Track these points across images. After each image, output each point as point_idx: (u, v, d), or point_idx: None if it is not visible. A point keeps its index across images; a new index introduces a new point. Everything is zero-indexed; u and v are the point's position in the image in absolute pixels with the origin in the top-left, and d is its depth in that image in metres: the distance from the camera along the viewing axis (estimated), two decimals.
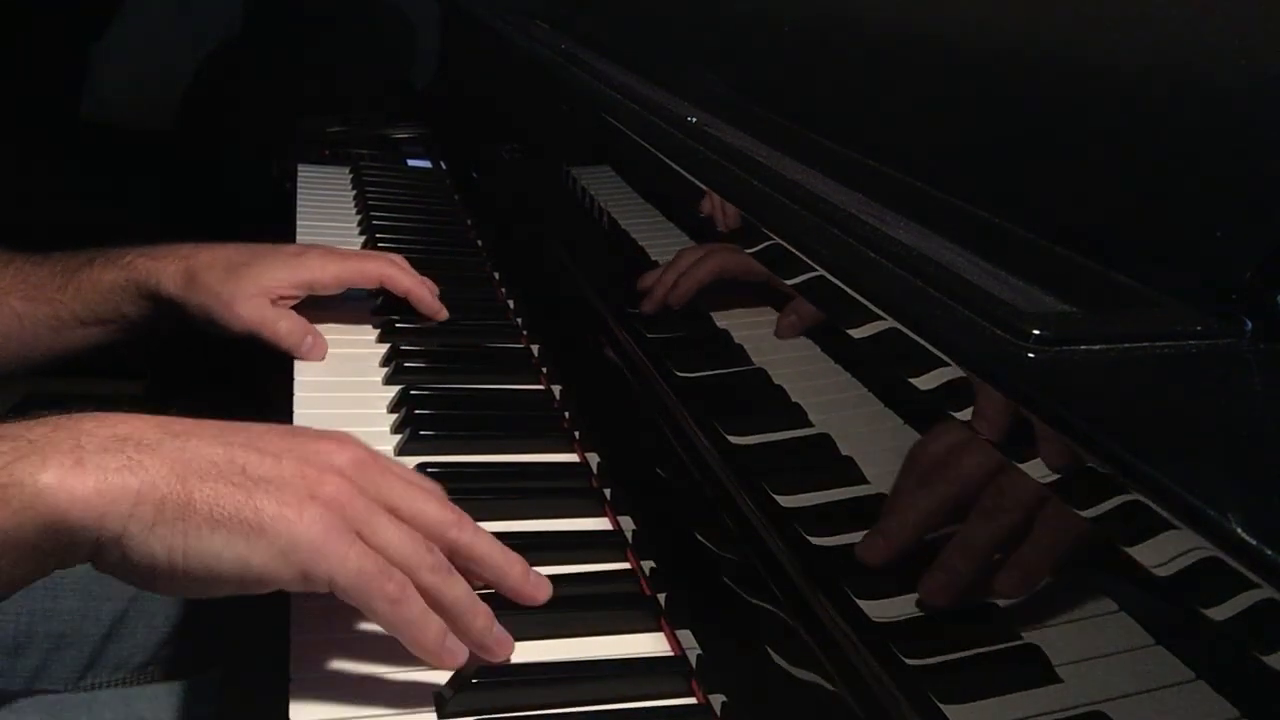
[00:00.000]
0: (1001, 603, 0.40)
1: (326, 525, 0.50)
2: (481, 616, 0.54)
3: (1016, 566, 0.40)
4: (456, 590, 0.54)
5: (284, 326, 0.84)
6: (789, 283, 0.54)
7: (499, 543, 0.58)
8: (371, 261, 0.91)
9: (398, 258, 0.93)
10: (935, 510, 0.44)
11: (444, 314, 0.92)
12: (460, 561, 0.55)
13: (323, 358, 0.85)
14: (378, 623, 0.51)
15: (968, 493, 0.42)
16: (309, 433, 0.56)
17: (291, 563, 0.49)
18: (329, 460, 0.53)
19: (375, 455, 0.56)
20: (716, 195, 0.62)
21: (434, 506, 0.56)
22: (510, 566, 0.57)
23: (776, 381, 0.57)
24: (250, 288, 0.84)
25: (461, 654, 0.53)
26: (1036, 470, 0.37)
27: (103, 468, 0.47)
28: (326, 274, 0.88)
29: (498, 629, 0.55)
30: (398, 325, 0.91)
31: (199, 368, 1.86)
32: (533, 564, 0.65)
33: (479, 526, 0.57)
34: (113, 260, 0.87)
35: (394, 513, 0.53)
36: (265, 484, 0.50)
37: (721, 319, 0.64)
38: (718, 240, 0.65)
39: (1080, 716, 0.36)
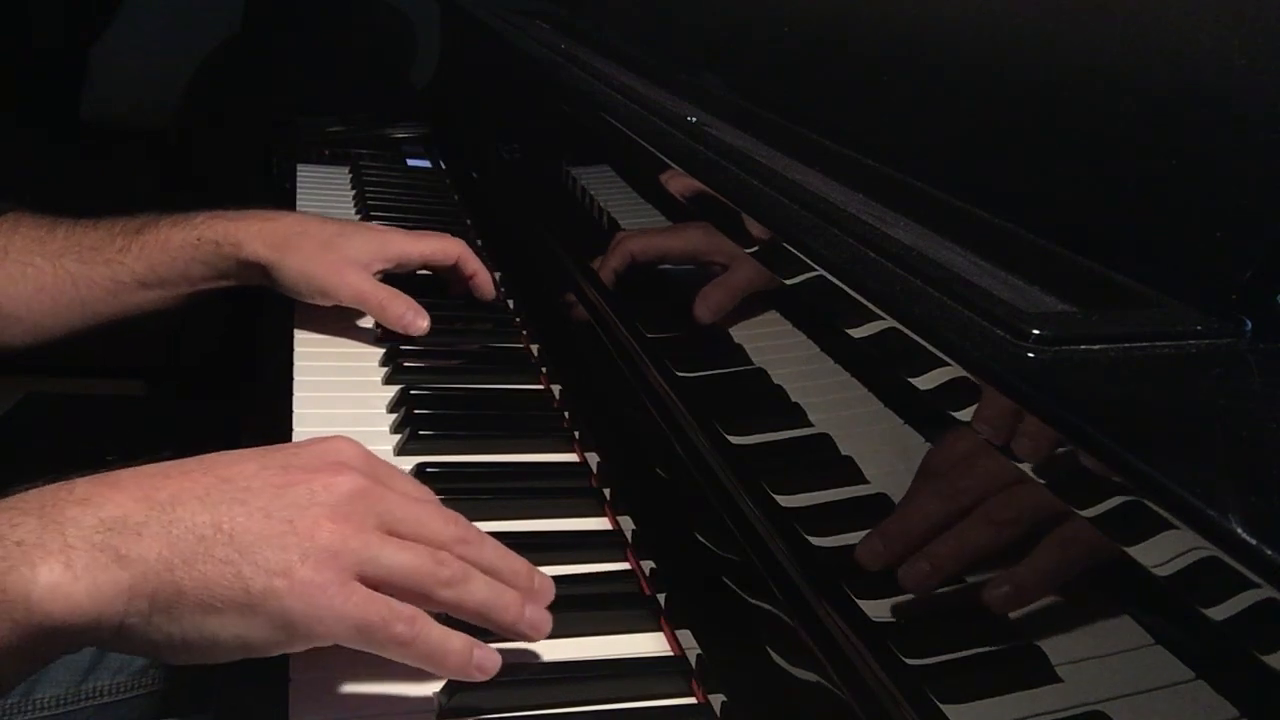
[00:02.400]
0: (1001, 603, 0.40)
1: (320, 586, 0.48)
2: (512, 606, 0.53)
3: (1016, 566, 0.40)
4: (478, 594, 0.52)
5: (387, 297, 0.87)
6: (789, 283, 0.54)
7: (503, 549, 0.56)
8: (450, 242, 0.95)
9: (460, 241, 0.97)
10: (935, 511, 0.44)
11: (493, 294, 0.97)
12: None
13: (425, 330, 0.88)
14: (400, 662, 0.50)
15: (967, 492, 0.42)
16: (305, 463, 0.53)
17: (290, 633, 0.48)
18: (325, 500, 0.51)
19: (374, 478, 0.54)
20: (716, 195, 0.62)
21: (438, 523, 0.54)
22: (516, 576, 0.55)
23: (776, 381, 0.57)
24: (351, 257, 0.87)
25: (493, 661, 0.52)
26: (1036, 470, 0.37)
27: (93, 568, 0.46)
28: (415, 250, 0.92)
29: (530, 611, 0.54)
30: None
31: (199, 368, 1.86)
32: (533, 564, 0.65)
33: (483, 535, 0.56)
34: (182, 221, 0.88)
35: (397, 533, 0.52)
36: (251, 552, 0.48)
37: (721, 319, 0.64)
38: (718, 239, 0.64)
39: (1080, 716, 0.36)
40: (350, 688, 0.54)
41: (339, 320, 0.91)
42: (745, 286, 0.61)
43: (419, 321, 0.87)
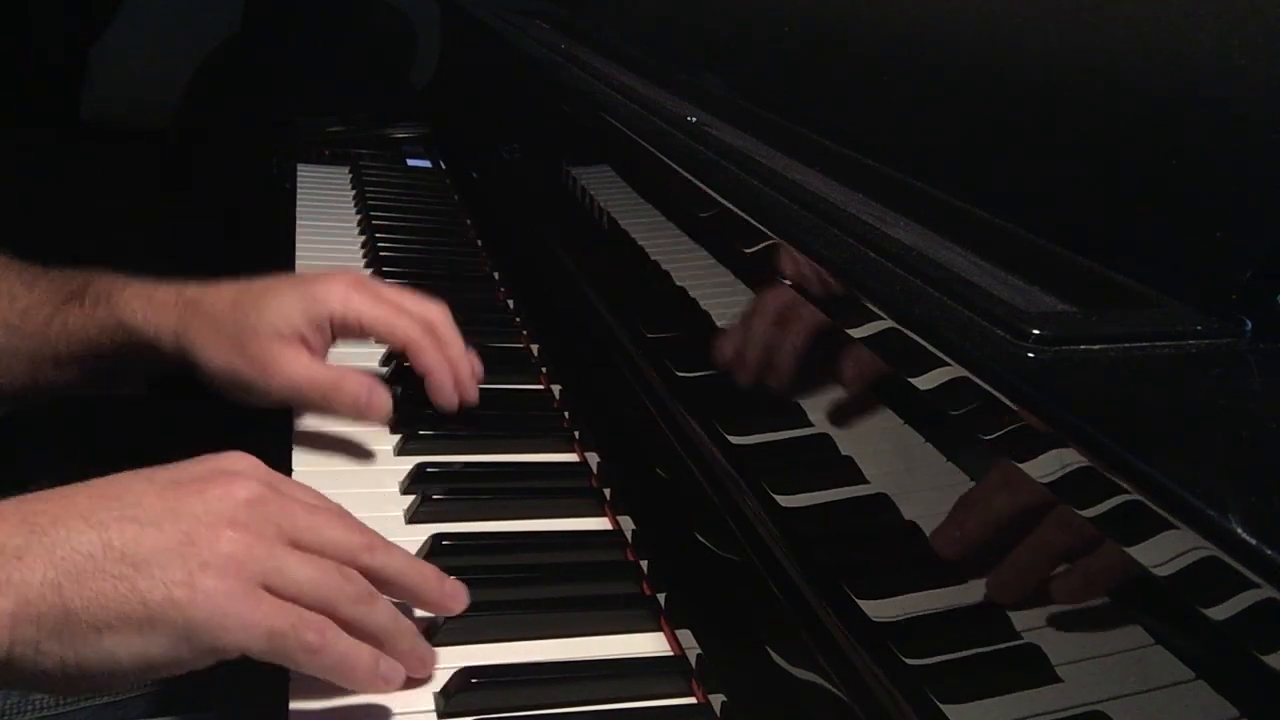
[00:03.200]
0: (1001, 603, 0.40)
1: (224, 594, 0.46)
2: (407, 636, 0.52)
3: (1016, 566, 0.40)
4: (379, 616, 0.51)
5: (330, 383, 0.70)
6: (788, 283, 0.54)
7: (411, 556, 0.56)
8: (403, 320, 0.73)
9: (440, 313, 0.76)
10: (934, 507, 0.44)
11: (455, 405, 0.75)
12: (373, 583, 0.52)
13: (388, 411, 0.71)
14: (305, 672, 0.49)
15: (967, 490, 0.42)
16: (195, 474, 0.51)
17: (195, 645, 0.46)
18: (220, 509, 0.49)
19: (272, 484, 0.52)
20: (716, 195, 0.62)
21: (340, 532, 0.52)
22: (425, 582, 0.54)
23: (776, 381, 0.57)
24: (271, 331, 0.70)
25: (399, 675, 0.51)
26: (1036, 470, 0.37)
27: None
28: (351, 312, 0.72)
29: (421, 646, 0.53)
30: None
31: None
32: (532, 563, 0.65)
33: (389, 544, 0.54)
34: (106, 296, 0.74)
35: (299, 545, 0.50)
36: (148, 566, 0.45)
37: (721, 319, 0.64)
38: (717, 240, 0.64)
39: (1080, 716, 0.36)
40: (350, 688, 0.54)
41: None
42: (746, 287, 0.61)
43: (377, 400, 0.70)
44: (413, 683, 0.54)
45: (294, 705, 0.53)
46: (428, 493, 0.68)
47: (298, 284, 0.73)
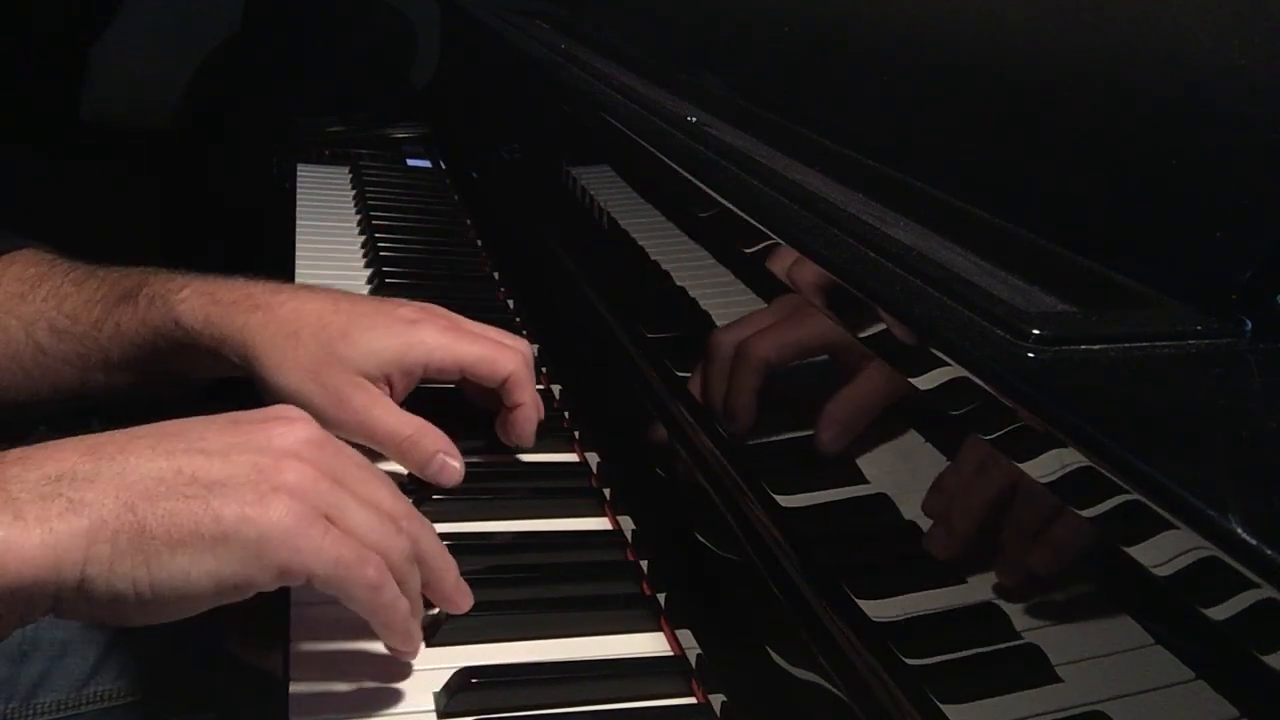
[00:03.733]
0: (1001, 603, 0.40)
1: (296, 515, 0.47)
2: (399, 621, 0.52)
3: (1016, 566, 0.40)
4: (416, 581, 0.53)
5: (410, 438, 0.67)
6: (788, 283, 0.54)
7: (441, 545, 0.56)
8: (505, 353, 0.71)
9: (525, 349, 0.73)
10: (933, 510, 0.44)
11: (530, 441, 0.74)
12: None
13: (459, 479, 0.67)
14: (355, 608, 0.50)
15: (968, 490, 0.42)
16: (253, 417, 0.52)
17: (265, 563, 0.46)
18: (283, 445, 0.50)
19: (327, 434, 0.53)
20: (716, 195, 0.62)
21: (388, 494, 0.53)
22: (446, 570, 0.55)
23: (776, 381, 0.57)
24: (358, 369, 0.67)
25: (418, 640, 0.53)
26: (1036, 470, 0.37)
27: (44, 517, 0.43)
28: (450, 358, 0.70)
29: (415, 631, 0.53)
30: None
31: None
32: (532, 563, 0.65)
33: (426, 520, 0.55)
34: (161, 295, 0.71)
35: (363, 502, 0.51)
36: (220, 487, 0.46)
37: (721, 319, 0.64)
38: (717, 240, 0.65)
39: (1080, 716, 0.36)
40: (350, 688, 0.54)
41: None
42: (746, 288, 0.61)
43: (451, 467, 0.67)
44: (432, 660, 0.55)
45: (294, 693, 0.53)
46: (426, 493, 0.68)
47: (393, 322, 0.69)
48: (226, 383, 0.73)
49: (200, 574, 0.46)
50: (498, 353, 0.71)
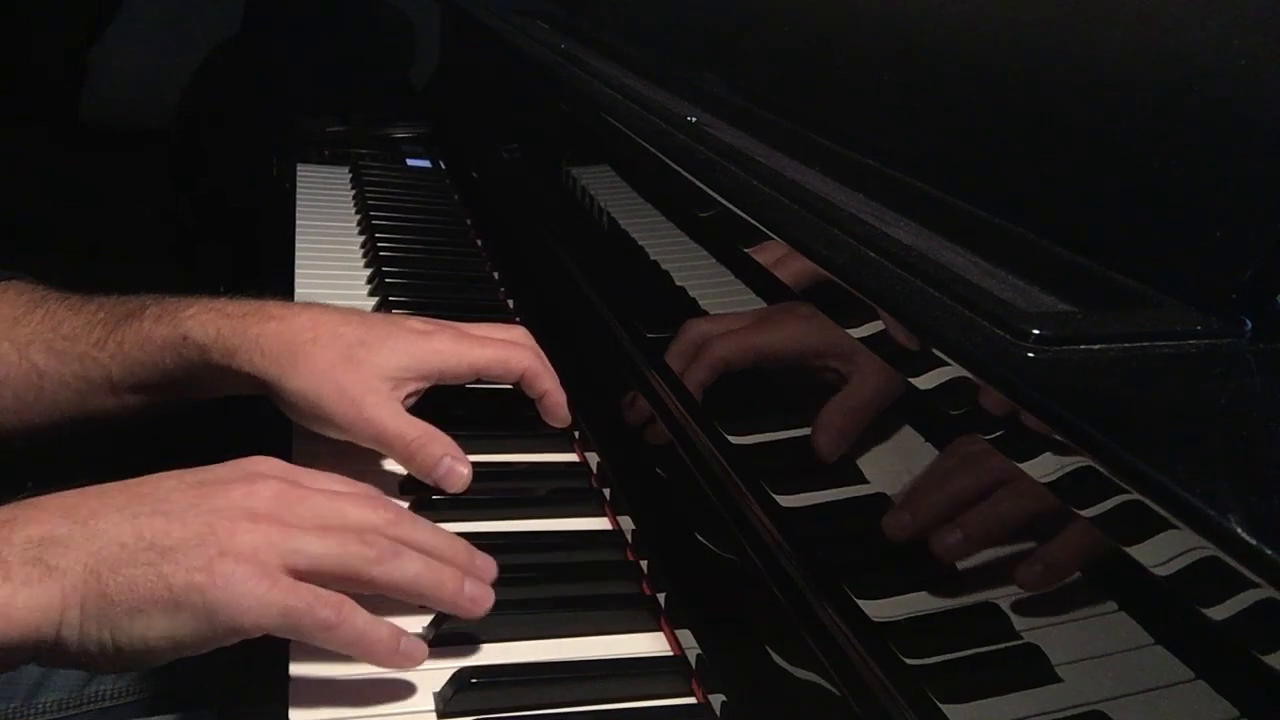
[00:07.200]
0: (1001, 603, 0.40)
1: (241, 577, 0.49)
2: (449, 581, 0.54)
3: (1016, 566, 0.40)
4: (410, 569, 0.53)
5: (417, 440, 0.67)
6: (788, 283, 0.54)
7: (438, 530, 0.57)
8: (515, 350, 0.73)
9: (530, 341, 0.76)
10: (933, 510, 0.44)
11: (569, 420, 0.76)
12: None
13: (465, 484, 0.68)
14: (328, 649, 0.51)
15: (968, 489, 0.42)
16: (221, 475, 0.54)
17: (216, 625, 0.49)
18: (240, 507, 0.52)
19: (293, 480, 0.55)
20: (716, 195, 0.62)
21: (366, 511, 0.54)
22: (454, 556, 0.56)
23: (776, 381, 0.57)
24: (375, 374, 0.67)
25: (420, 652, 0.53)
26: (1036, 470, 0.37)
27: (29, 582, 0.48)
28: (464, 362, 0.71)
29: (469, 586, 0.54)
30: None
31: None
32: (533, 564, 0.65)
33: (416, 518, 0.56)
34: (170, 311, 0.70)
35: (325, 530, 0.53)
36: (172, 553, 0.49)
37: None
38: (717, 240, 0.65)
39: (1080, 716, 0.36)
40: (350, 687, 0.54)
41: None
42: (746, 288, 0.61)
43: (457, 471, 0.67)
44: (446, 653, 0.56)
45: (295, 696, 0.53)
46: (426, 494, 0.68)
47: (407, 332, 0.71)
48: (228, 404, 0.73)
49: (156, 637, 0.49)
50: (509, 352, 0.73)
